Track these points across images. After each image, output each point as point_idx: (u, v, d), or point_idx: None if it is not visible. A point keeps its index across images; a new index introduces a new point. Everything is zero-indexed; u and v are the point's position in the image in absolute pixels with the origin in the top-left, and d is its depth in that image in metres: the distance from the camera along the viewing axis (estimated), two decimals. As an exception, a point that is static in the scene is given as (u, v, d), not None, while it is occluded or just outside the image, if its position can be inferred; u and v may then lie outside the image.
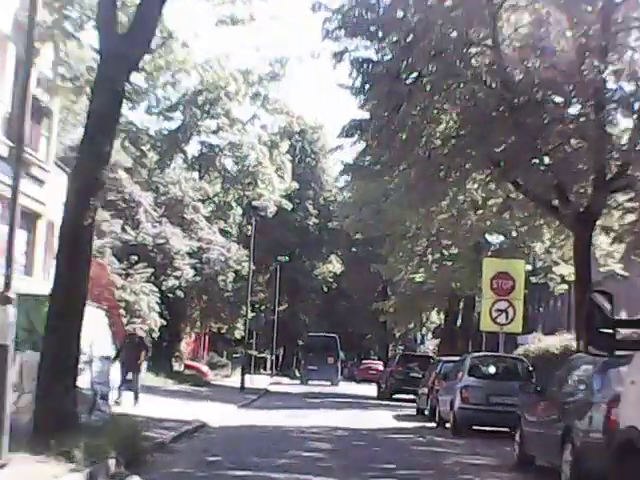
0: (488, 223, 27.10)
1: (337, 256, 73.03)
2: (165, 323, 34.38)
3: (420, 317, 44.58)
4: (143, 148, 48.13)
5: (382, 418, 23.29)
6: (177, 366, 41.77)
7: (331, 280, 73.10)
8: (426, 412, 23.96)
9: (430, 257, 36.82)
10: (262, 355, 66.75)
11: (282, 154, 49.71)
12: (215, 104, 46.26)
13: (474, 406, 17.64)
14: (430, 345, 69.74)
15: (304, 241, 69.25)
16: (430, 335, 69.84)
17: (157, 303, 33.41)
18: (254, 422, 19.30)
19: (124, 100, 11.70)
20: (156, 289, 33.91)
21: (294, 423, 19.33)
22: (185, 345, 44.93)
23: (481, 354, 20.81)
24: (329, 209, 69.23)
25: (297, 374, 58.07)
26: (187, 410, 20.13)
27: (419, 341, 67.76)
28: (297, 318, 72.05)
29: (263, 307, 65.31)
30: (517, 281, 23.31)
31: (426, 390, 23.94)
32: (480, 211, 24.27)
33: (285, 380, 54.51)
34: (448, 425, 19.30)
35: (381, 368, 52.35)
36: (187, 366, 43.26)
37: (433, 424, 20.88)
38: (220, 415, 20.44)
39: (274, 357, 62.99)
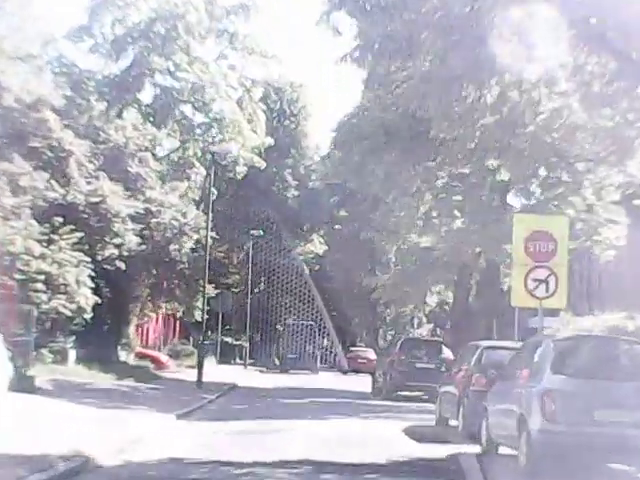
0: (555, 136, 18.83)
1: (319, 236, 66.08)
2: (101, 302, 26.98)
3: (423, 294, 36.75)
4: (90, 98, 40.22)
5: (389, 435, 15.44)
6: (125, 355, 34.20)
7: (313, 262, 66.19)
8: (453, 422, 16.34)
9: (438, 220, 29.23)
10: (238, 342, 59.78)
11: (254, 102, 41.75)
12: (172, 40, 38.28)
13: (568, 428, 9.77)
14: (423, 330, 62.49)
15: (283, 217, 62.15)
16: (424, 319, 62.56)
17: (90, 277, 25.99)
18: (183, 453, 11.51)
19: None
20: (88, 259, 26.41)
21: (252, 453, 11.60)
22: (135, 330, 37.20)
23: (571, 336, 13.02)
24: (310, 178, 62.09)
25: (276, 363, 52.62)
26: (83, 428, 12.43)
27: (416, 325, 60.35)
28: (275, 302, 65.18)
29: (237, 290, 58.31)
30: (560, 242, 17.29)
31: (454, 390, 16.25)
32: (542, 116, 16.37)
33: (262, 370, 48.51)
34: (507, 451, 11.56)
35: (372, 357, 45.00)
36: (141, 355, 35.99)
37: (475, 447, 13.02)
38: (134, 437, 12.69)
39: (248, 344, 55.71)
